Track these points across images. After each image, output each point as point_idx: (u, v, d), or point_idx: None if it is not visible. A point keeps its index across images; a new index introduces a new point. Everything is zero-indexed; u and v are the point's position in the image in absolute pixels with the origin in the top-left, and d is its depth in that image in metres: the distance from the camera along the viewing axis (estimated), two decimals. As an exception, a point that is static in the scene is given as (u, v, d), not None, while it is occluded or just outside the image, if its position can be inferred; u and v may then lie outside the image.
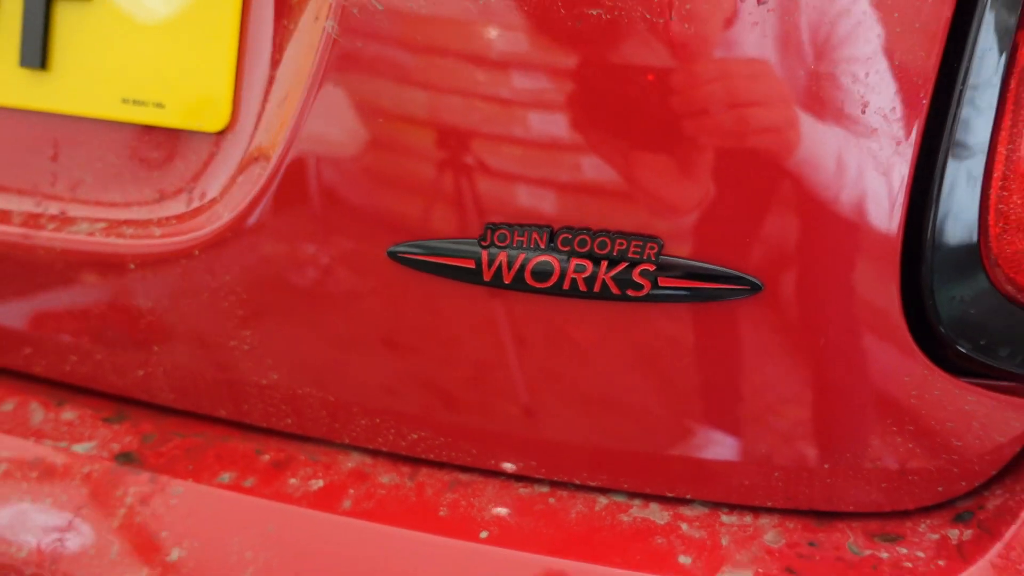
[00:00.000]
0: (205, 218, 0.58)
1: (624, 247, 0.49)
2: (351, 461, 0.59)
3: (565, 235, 0.49)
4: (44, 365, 0.69)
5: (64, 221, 0.65)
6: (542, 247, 0.50)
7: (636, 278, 0.49)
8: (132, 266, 0.61)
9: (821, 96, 0.47)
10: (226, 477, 0.57)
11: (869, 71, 0.46)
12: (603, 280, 0.49)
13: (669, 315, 0.50)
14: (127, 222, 0.63)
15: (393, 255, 0.53)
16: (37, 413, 0.66)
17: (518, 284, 0.51)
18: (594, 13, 0.47)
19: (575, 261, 0.50)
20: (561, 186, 0.49)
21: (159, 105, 0.62)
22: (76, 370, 0.67)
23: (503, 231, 0.50)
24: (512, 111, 0.49)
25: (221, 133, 0.60)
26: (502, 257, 0.50)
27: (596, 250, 0.49)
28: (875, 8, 0.46)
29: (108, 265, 0.62)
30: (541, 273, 0.50)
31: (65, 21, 0.65)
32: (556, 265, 0.50)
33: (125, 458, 0.60)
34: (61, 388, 0.69)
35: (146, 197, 0.64)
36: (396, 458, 0.60)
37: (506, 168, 0.50)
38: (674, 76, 0.47)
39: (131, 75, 0.63)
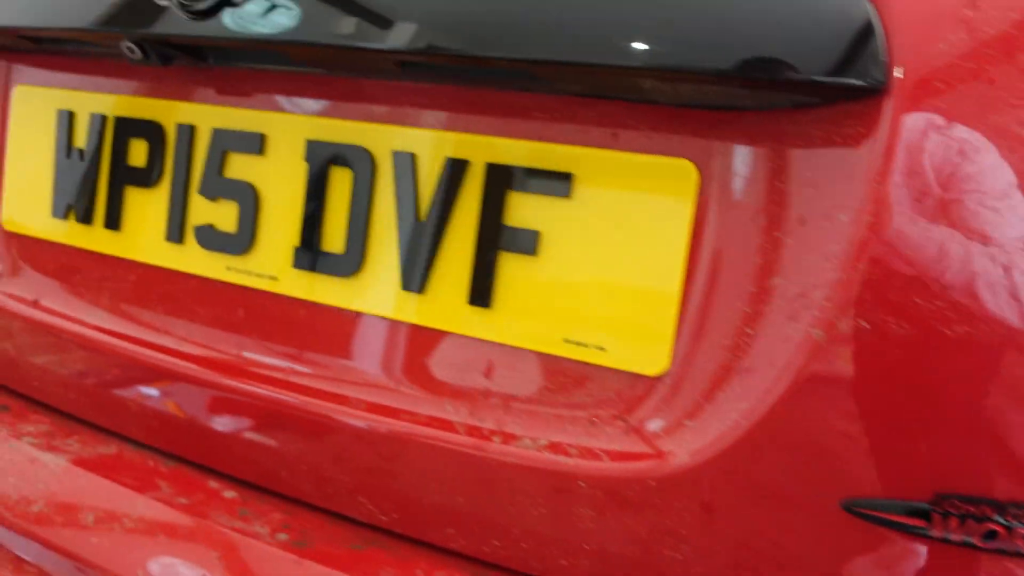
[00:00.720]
0: (655, 453, 0.71)
1: (1065, 522, 0.60)
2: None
3: (1014, 509, 0.61)
4: (462, 543, 0.82)
5: (507, 436, 0.78)
6: (990, 516, 0.61)
7: (1073, 548, 0.60)
8: (582, 484, 0.74)
9: None
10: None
11: None
12: (1046, 548, 0.61)
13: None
14: (568, 444, 0.76)
15: (847, 507, 0.64)
16: (469, 587, 0.80)
17: (964, 543, 0.62)
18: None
19: (1020, 530, 0.61)
20: (1012, 468, 0.61)
21: (600, 348, 0.76)
22: (496, 552, 0.80)
23: (954, 501, 0.62)
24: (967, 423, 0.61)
25: (658, 377, 0.74)
26: (952, 522, 0.62)
27: (1040, 523, 0.61)
28: None
29: (558, 480, 0.75)
30: (987, 536, 0.62)
31: (510, 271, 0.79)
32: (1003, 532, 0.61)
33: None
34: (471, 562, 0.82)
35: (579, 421, 0.77)
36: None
37: (959, 449, 0.62)
38: None
39: (574, 319, 0.77)
